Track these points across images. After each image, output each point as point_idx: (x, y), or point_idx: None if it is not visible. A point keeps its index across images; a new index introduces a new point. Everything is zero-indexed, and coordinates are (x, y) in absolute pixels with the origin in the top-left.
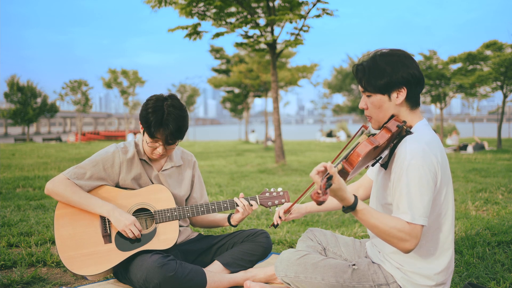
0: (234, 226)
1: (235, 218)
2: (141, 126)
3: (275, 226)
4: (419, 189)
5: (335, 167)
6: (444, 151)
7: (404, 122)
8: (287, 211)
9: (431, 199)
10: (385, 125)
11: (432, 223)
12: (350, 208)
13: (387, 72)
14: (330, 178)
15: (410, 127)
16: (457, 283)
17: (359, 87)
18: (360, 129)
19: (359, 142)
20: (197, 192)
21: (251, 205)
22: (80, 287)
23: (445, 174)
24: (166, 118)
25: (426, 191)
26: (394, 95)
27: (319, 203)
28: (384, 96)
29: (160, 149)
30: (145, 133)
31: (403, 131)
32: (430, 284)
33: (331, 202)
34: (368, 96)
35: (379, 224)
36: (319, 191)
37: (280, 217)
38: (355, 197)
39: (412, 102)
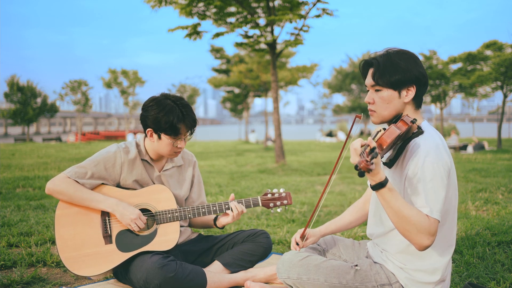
0: (221, 229)
1: (222, 221)
2: (150, 130)
3: None
4: (434, 185)
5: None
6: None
7: (415, 119)
8: (302, 237)
9: (445, 196)
10: (401, 118)
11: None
12: (381, 184)
13: (401, 68)
14: (373, 149)
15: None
16: (457, 283)
17: (370, 80)
18: (354, 118)
19: (379, 131)
20: (195, 192)
21: (243, 211)
22: (80, 287)
23: (453, 171)
24: (182, 111)
25: (441, 188)
26: (404, 92)
27: (366, 170)
28: (395, 92)
29: (182, 143)
30: (162, 136)
31: (413, 128)
32: (433, 281)
33: (344, 221)
34: (378, 90)
35: (403, 208)
36: (368, 159)
37: (297, 244)
38: (386, 176)
39: (417, 102)
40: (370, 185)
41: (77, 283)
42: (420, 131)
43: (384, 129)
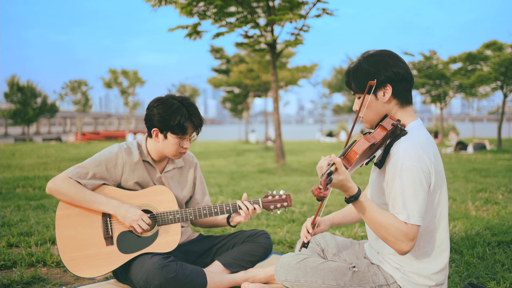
0: (233, 227)
1: (235, 220)
2: (156, 130)
3: (306, 245)
4: (413, 189)
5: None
6: (438, 151)
7: (399, 120)
8: (313, 224)
9: (425, 199)
10: (380, 123)
11: (429, 224)
12: (354, 197)
13: (370, 73)
14: (330, 173)
15: (404, 125)
16: (457, 283)
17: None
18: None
19: (355, 140)
20: (198, 194)
21: (255, 209)
22: (80, 287)
23: (439, 175)
24: (189, 110)
25: (420, 191)
26: (380, 93)
27: (320, 198)
28: (371, 95)
29: (188, 144)
30: (168, 136)
31: (397, 130)
32: (430, 284)
33: (351, 214)
34: (359, 98)
35: (379, 218)
36: (320, 187)
37: (308, 232)
38: (359, 188)
39: (401, 98)
40: (345, 198)
41: (77, 283)
42: (403, 133)
43: (365, 133)
